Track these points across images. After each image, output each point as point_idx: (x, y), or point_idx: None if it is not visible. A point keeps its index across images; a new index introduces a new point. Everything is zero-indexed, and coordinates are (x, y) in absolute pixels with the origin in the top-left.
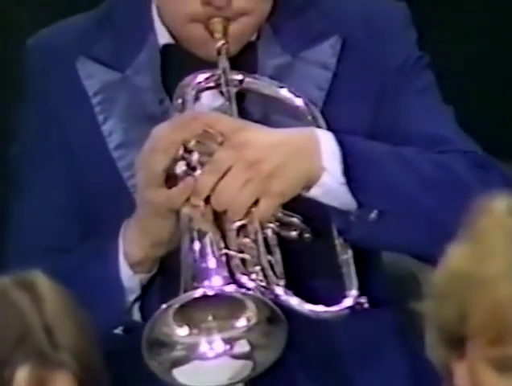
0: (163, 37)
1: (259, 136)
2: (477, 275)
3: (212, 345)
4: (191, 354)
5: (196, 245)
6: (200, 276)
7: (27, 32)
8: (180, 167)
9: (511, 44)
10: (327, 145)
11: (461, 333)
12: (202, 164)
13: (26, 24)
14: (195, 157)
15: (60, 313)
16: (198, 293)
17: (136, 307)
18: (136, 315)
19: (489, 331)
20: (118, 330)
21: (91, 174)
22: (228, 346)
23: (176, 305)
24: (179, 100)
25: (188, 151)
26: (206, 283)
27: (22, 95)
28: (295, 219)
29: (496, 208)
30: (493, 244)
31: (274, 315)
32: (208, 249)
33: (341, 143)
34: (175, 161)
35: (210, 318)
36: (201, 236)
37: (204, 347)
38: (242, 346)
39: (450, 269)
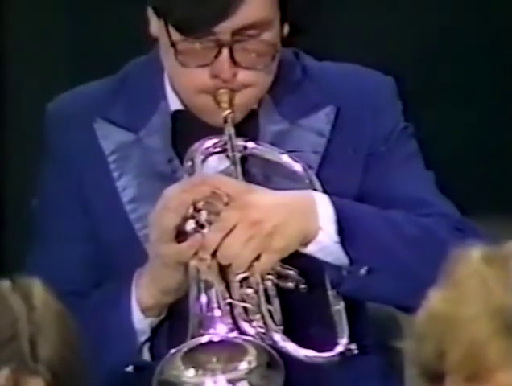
0: (174, 103)
1: (262, 197)
2: (454, 317)
3: (216, 385)
4: None
5: (203, 295)
6: (206, 323)
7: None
8: (190, 225)
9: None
10: (323, 207)
11: (440, 369)
12: (209, 222)
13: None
14: (203, 216)
15: (47, 325)
16: (204, 339)
17: (146, 348)
18: (146, 355)
19: (465, 368)
20: (129, 369)
21: (106, 225)
22: None
23: (184, 349)
24: (189, 163)
25: (197, 210)
26: (211, 330)
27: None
28: (292, 272)
29: (471, 256)
30: (469, 288)
31: (273, 360)
32: (214, 298)
33: (336, 206)
34: (186, 219)
35: (214, 360)
36: (207, 286)
37: None
38: None
39: (430, 312)
